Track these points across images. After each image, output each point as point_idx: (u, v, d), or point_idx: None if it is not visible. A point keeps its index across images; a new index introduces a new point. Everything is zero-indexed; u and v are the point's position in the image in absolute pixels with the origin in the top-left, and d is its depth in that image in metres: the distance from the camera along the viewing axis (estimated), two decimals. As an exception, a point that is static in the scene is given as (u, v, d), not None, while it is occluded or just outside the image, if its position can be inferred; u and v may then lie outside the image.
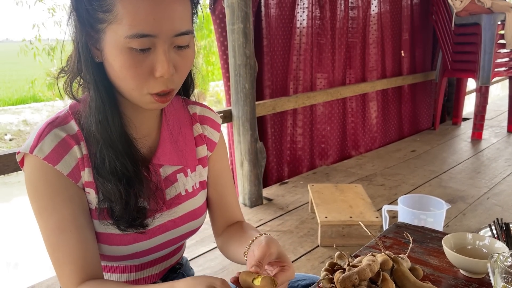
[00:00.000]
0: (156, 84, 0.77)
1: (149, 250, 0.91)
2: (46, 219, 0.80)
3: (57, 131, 0.80)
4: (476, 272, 0.97)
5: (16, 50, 8.21)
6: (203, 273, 2.03)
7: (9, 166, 1.73)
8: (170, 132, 0.93)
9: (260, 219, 2.64)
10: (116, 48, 0.74)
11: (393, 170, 3.53)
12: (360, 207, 2.35)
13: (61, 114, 0.84)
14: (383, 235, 1.23)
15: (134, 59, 0.74)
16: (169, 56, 0.76)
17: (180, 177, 0.93)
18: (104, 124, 0.80)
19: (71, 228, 0.79)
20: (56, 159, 0.79)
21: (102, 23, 0.74)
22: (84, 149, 0.82)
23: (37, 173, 0.79)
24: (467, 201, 2.83)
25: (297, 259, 2.16)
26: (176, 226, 0.93)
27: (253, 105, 2.72)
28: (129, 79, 0.76)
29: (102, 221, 0.84)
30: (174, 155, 0.93)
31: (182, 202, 0.93)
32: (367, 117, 4.14)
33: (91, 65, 0.78)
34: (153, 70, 0.76)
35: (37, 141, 0.79)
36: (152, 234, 0.89)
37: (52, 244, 0.80)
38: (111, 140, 0.81)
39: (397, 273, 0.89)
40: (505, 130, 4.72)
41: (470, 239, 1.05)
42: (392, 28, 4.21)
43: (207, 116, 1.01)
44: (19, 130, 8.41)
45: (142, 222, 0.85)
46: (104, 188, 0.82)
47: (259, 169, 2.86)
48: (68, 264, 0.79)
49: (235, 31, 2.58)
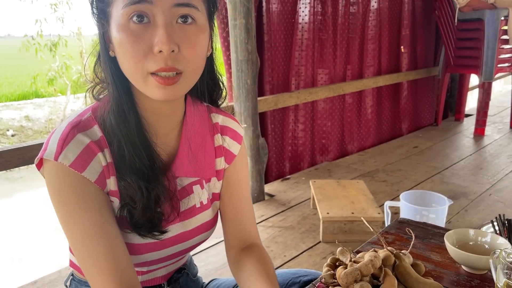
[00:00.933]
0: (155, 60, 0.72)
1: (160, 259, 0.89)
2: (73, 226, 0.76)
3: (80, 136, 0.76)
4: (478, 268, 0.96)
5: (18, 45, 8.19)
6: (205, 268, 2.03)
7: (11, 162, 1.73)
8: (189, 144, 0.89)
9: (262, 215, 2.64)
10: (118, 27, 0.72)
11: (395, 166, 3.53)
12: (362, 203, 2.35)
13: (83, 117, 0.80)
14: (385, 231, 1.23)
15: (132, 34, 0.72)
16: (170, 30, 0.72)
17: (196, 189, 0.90)
18: (122, 116, 0.78)
19: (101, 234, 0.75)
20: (83, 166, 0.75)
21: (108, 6, 0.74)
22: (108, 157, 0.79)
23: (62, 180, 0.75)
24: (469, 198, 2.82)
25: (298, 255, 2.16)
26: (188, 238, 0.91)
27: (255, 101, 2.72)
28: (128, 58, 0.73)
29: (121, 230, 0.81)
30: (191, 167, 0.89)
31: (196, 215, 0.91)
32: (367, 113, 4.13)
33: (108, 60, 0.78)
34: (152, 45, 0.72)
35: (61, 147, 0.75)
36: (165, 245, 0.87)
37: (83, 252, 0.75)
38: (130, 133, 0.79)
39: (399, 269, 0.89)
40: (508, 126, 4.71)
41: (472, 235, 1.05)
42: (394, 24, 4.19)
43: (229, 126, 0.96)
44: (21, 125, 8.41)
45: (161, 227, 0.82)
46: (125, 186, 0.79)
47: (261, 165, 2.86)
48: (101, 272, 0.74)
49: (237, 27, 2.57)
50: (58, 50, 8.11)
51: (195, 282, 1.07)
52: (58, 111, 9.09)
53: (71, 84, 8.73)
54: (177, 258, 0.96)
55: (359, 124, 4.06)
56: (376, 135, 4.29)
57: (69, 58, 8.48)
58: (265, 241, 2.31)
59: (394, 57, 4.33)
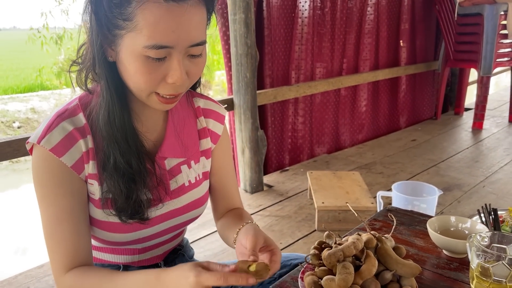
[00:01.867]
0: (166, 88, 0.80)
1: (150, 236, 0.96)
2: (46, 208, 0.85)
3: (65, 124, 0.84)
4: (457, 252, 1.02)
5: (23, 38, 8.25)
6: (204, 254, 2.12)
7: (19, 151, 1.82)
8: (175, 126, 0.96)
9: (260, 205, 2.72)
10: (133, 55, 0.77)
11: (392, 159, 3.60)
12: (357, 193, 2.42)
13: (70, 106, 0.87)
14: (373, 218, 1.30)
15: (149, 66, 0.77)
16: (182, 65, 0.79)
17: (184, 169, 0.98)
18: (111, 121, 0.84)
19: (68, 220, 0.84)
20: (62, 151, 0.83)
21: (120, 29, 0.76)
22: (90, 143, 0.86)
23: (42, 163, 0.83)
24: (463, 189, 2.89)
25: (294, 242, 2.24)
26: (179, 214, 0.98)
27: (254, 94, 2.79)
28: (142, 83, 0.79)
29: (106, 210, 0.88)
30: (178, 148, 0.96)
31: (185, 193, 0.98)
32: (365, 106, 4.18)
33: (104, 65, 0.81)
34: (166, 76, 0.79)
35: (45, 132, 0.82)
36: (154, 223, 0.94)
37: (48, 232, 0.85)
38: (117, 137, 0.85)
39: (381, 251, 0.94)
40: (507, 120, 4.75)
41: (453, 222, 1.11)
42: (393, 18, 4.23)
43: (211, 109, 1.04)
44: (27, 118, 8.50)
45: (142, 215, 0.90)
46: (107, 182, 0.86)
47: (259, 156, 2.93)
48: (60, 253, 0.85)
49: (237, 21, 2.63)
50: (63, 43, 8.19)
51: (191, 264, 1.15)
52: (63, 103, 9.18)
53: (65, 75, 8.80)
54: (171, 235, 1.03)
55: (356, 117, 4.12)
56: (375, 128, 4.35)
57: (74, 51, 8.53)
58: (262, 229, 2.39)
59: (393, 51, 4.37)
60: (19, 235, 4.18)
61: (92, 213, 0.89)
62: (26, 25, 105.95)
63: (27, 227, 4.27)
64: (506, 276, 0.78)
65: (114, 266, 1.02)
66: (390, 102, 4.51)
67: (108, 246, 0.99)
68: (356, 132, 4.15)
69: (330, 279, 0.85)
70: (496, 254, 0.80)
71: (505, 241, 0.86)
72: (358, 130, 4.18)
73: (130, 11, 0.74)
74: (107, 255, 1.01)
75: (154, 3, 0.73)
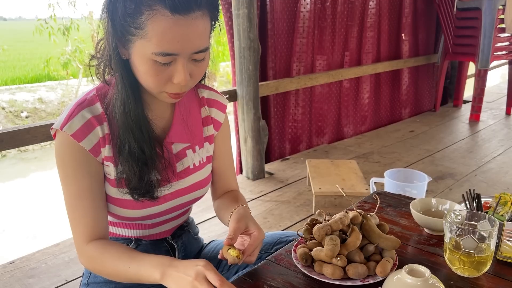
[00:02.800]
0: (172, 87, 0.91)
1: (159, 213, 1.08)
2: (69, 186, 0.96)
3: (84, 112, 0.94)
4: (436, 229, 1.13)
5: (29, 28, 8.30)
6: (208, 235, 2.26)
7: (37, 137, 1.96)
8: (181, 114, 1.07)
9: (261, 191, 2.86)
10: (142, 58, 0.87)
11: (389, 149, 3.72)
12: (352, 180, 2.55)
13: (88, 96, 0.97)
14: (363, 200, 1.40)
15: (156, 69, 0.88)
16: (186, 68, 0.89)
17: (189, 153, 1.08)
18: (126, 112, 0.95)
19: (88, 196, 0.96)
20: (81, 137, 0.93)
21: (132, 35, 0.86)
22: (106, 129, 0.96)
23: (64, 147, 0.94)
24: (456, 178, 3.02)
25: (292, 225, 2.38)
26: (184, 194, 1.08)
27: (256, 85, 2.91)
28: (150, 83, 0.90)
29: (120, 189, 0.99)
30: (184, 134, 1.06)
31: (190, 174, 1.08)
32: (365, 98, 4.29)
33: (118, 61, 0.91)
34: (171, 77, 0.89)
35: (67, 120, 0.93)
36: (163, 201, 1.04)
37: (71, 207, 0.97)
38: (131, 126, 0.95)
39: (365, 227, 1.04)
40: (504, 113, 4.85)
41: (434, 203, 1.21)
42: (394, 12, 4.32)
43: (214, 99, 1.14)
44: (34, 107, 8.57)
45: (153, 194, 1.00)
46: (123, 165, 0.97)
47: (261, 145, 3.06)
48: (82, 225, 0.96)
49: (240, 16, 2.75)
50: (70, 34, 8.27)
51: (196, 240, 1.27)
52: (70, 94, 9.27)
53: (83, 68, 8.90)
54: (178, 212, 1.16)
55: (357, 108, 4.23)
56: (374, 119, 4.45)
57: (81, 42, 8.64)
58: (262, 213, 2.54)
59: (394, 44, 4.47)
60: (27, 223, 4.27)
61: (108, 191, 1.01)
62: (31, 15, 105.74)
63: (35, 216, 4.40)
64: (474, 249, 0.88)
65: (126, 240, 1.14)
66: (391, 94, 4.61)
67: (122, 221, 1.11)
68: (359, 124, 4.27)
69: (319, 250, 0.96)
70: (466, 229, 0.90)
71: (475, 218, 0.97)
72: (361, 122, 4.29)
73: (142, 21, 0.83)
74: (121, 229, 1.13)
75: (163, 16, 0.82)
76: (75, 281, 1.94)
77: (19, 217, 4.44)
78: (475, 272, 0.91)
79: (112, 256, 0.94)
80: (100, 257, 0.96)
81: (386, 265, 0.92)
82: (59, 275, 1.99)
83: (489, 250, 0.90)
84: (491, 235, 0.89)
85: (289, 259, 1.01)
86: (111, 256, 0.94)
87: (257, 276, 0.95)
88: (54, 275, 1.99)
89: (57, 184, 1.02)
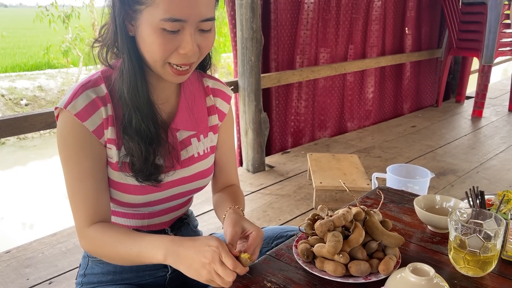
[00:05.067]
0: (178, 57, 0.90)
1: (160, 200, 1.06)
2: (70, 168, 0.94)
3: (89, 92, 0.93)
4: (440, 227, 1.11)
5: (30, 15, 8.26)
6: (207, 228, 2.24)
7: (35, 126, 1.93)
8: (187, 101, 1.06)
9: (262, 184, 2.84)
10: (151, 28, 0.87)
11: (391, 144, 3.69)
12: (354, 174, 2.53)
13: (93, 77, 0.96)
14: (365, 196, 1.38)
15: (164, 38, 0.87)
16: (194, 38, 0.89)
17: (194, 141, 1.07)
18: (134, 90, 0.94)
19: (89, 179, 0.94)
20: (85, 116, 0.91)
21: (140, 5, 0.87)
22: (110, 110, 0.95)
23: (67, 127, 0.92)
24: (457, 174, 3.00)
25: (292, 219, 2.36)
26: (187, 182, 1.06)
27: (258, 77, 2.88)
28: (157, 53, 0.89)
29: (123, 173, 0.97)
30: (189, 121, 1.05)
31: (194, 163, 1.07)
32: (368, 92, 4.26)
33: (126, 39, 0.91)
34: (179, 47, 0.89)
35: (71, 99, 0.91)
36: (165, 187, 1.02)
37: (73, 190, 0.94)
38: (139, 104, 0.94)
39: (368, 223, 1.02)
40: (507, 109, 4.82)
41: (438, 200, 1.20)
42: (399, 5, 4.28)
43: (219, 89, 1.14)
44: (34, 95, 8.57)
45: (157, 177, 0.98)
46: (128, 145, 0.95)
47: (262, 138, 3.03)
48: (83, 208, 0.94)
49: (243, 6, 2.71)
50: (71, 21, 8.22)
51: (195, 233, 1.26)
52: (70, 82, 9.26)
53: (83, 56, 8.87)
54: (179, 202, 1.14)
55: (359, 102, 4.20)
56: (377, 114, 4.43)
57: (82, 30, 8.59)
58: (262, 206, 2.52)
59: (399, 38, 4.43)
60: (24, 211, 4.28)
61: (109, 175, 0.99)
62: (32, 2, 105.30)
63: (33, 204, 4.39)
64: (480, 248, 0.87)
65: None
66: (394, 89, 4.58)
67: (121, 209, 1.09)
68: (361, 118, 4.25)
69: (321, 246, 0.94)
70: (472, 228, 0.88)
71: (481, 217, 0.95)
72: (364, 116, 4.27)
73: None
74: (119, 218, 1.11)
75: None
76: (72, 272, 1.93)
77: (16, 205, 4.44)
78: (480, 271, 0.89)
79: (113, 238, 0.93)
80: (101, 240, 0.94)
81: (389, 262, 0.91)
82: (56, 265, 1.97)
83: (494, 250, 0.88)
84: (498, 234, 0.87)
85: (290, 254, 0.99)
86: (112, 238, 0.93)
87: (257, 272, 0.93)
88: (51, 265, 1.98)
89: (56, 173, 0.99)
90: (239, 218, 0.98)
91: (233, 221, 0.97)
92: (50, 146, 6.87)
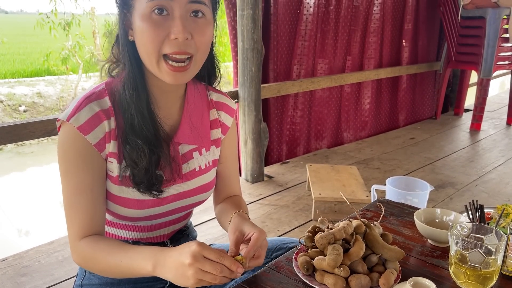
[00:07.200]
0: (171, 45, 0.88)
1: (160, 214, 1.05)
2: (69, 181, 0.93)
3: (92, 105, 0.92)
4: (440, 241, 1.10)
5: (30, 22, 8.28)
6: (206, 238, 2.23)
7: (35, 133, 1.93)
8: (190, 115, 1.05)
9: (260, 194, 2.83)
10: (141, 16, 0.88)
11: (390, 156, 3.70)
12: (353, 186, 2.53)
13: (97, 89, 0.96)
14: (365, 208, 1.37)
15: (154, 23, 0.87)
16: (184, 22, 0.88)
17: (196, 155, 1.06)
18: (135, 92, 0.94)
19: (87, 192, 0.93)
20: (88, 130, 0.91)
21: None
22: (113, 124, 0.94)
23: (69, 140, 0.92)
24: (456, 187, 2.99)
25: (290, 230, 2.35)
26: (187, 196, 1.06)
27: (259, 87, 2.88)
28: (148, 42, 0.88)
29: (123, 187, 0.96)
30: (191, 135, 1.05)
31: (196, 177, 1.06)
32: (367, 104, 4.27)
33: (126, 44, 0.93)
34: (169, 33, 0.88)
35: (74, 112, 0.91)
36: (166, 201, 1.02)
37: (69, 202, 0.94)
38: (141, 107, 0.94)
39: (369, 236, 1.02)
40: (505, 123, 4.84)
41: (439, 214, 1.20)
42: (397, 18, 4.31)
43: (223, 102, 1.13)
44: (33, 102, 8.55)
45: (159, 188, 0.98)
46: (130, 152, 0.94)
47: (261, 148, 3.03)
48: (78, 221, 0.94)
49: (245, 17, 2.72)
50: (71, 29, 8.25)
51: (195, 244, 1.25)
52: (69, 89, 9.25)
53: (83, 63, 8.89)
54: (179, 215, 1.13)
55: (357, 114, 4.21)
56: (375, 125, 4.43)
57: (82, 38, 8.62)
58: (261, 217, 2.51)
59: (396, 51, 4.45)
60: (20, 217, 4.24)
61: (109, 188, 0.98)
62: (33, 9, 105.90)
63: (29, 210, 4.34)
64: (481, 263, 0.86)
65: (124, 242, 1.09)
66: (392, 101, 4.59)
67: (121, 222, 1.08)
68: (359, 129, 4.24)
69: (321, 259, 0.94)
70: (473, 243, 0.87)
71: (482, 231, 0.94)
72: (361, 127, 4.27)
73: None
74: (119, 230, 1.10)
75: None
76: (69, 281, 1.90)
77: (13, 212, 4.41)
78: (480, 286, 0.89)
79: (103, 251, 0.92)
80: (92, 253, 0.93)
81: (389, 276, 0.91)
82: (52, 274, 1.95)
83: (495, 265, 0.87)
84: (498, 249, 0.87)
85: (290, 267, 0.99)
86: (103, 251, 0.92)
87: (256, 284, 0.93)
88: (47, 274, 1.96)
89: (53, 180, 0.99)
90: (240, 223, 0.97)
91: (234, 226, 0.96)
92: (47, 153, 6.85)
